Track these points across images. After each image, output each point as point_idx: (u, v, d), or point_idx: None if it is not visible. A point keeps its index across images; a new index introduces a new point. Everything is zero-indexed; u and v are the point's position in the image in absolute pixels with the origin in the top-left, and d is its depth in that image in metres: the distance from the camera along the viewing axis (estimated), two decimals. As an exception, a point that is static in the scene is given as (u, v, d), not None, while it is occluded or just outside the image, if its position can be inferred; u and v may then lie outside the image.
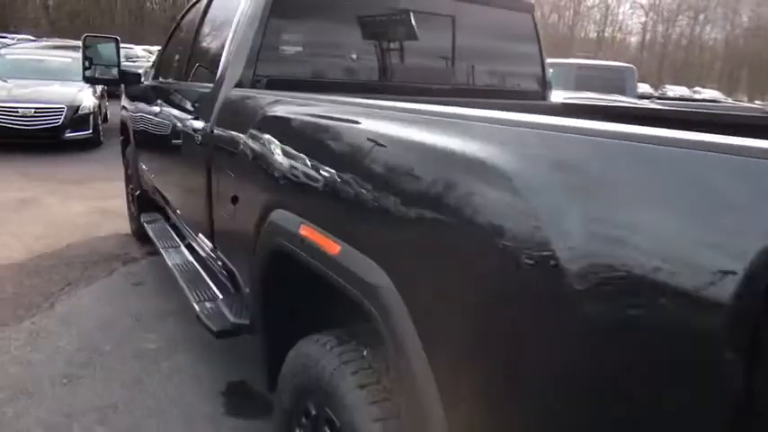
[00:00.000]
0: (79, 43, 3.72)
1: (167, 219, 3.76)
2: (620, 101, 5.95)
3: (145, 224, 3.64)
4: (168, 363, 2.75)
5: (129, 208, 4.60)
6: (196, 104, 2.39)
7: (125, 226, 4.71)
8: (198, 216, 2.56)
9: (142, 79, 3.65)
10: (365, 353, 1.31)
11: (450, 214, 0.88)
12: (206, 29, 2.70)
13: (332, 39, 2.28)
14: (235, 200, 1.84)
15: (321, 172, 1.26)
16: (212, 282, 2.62)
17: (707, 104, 7.90)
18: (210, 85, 2.26)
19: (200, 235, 2.63)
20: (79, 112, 7.74)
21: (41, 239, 4.39)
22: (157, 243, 3.28)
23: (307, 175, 1.32)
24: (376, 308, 1.02)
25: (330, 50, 2.29)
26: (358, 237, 1.09)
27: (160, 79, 3.31)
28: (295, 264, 1.39)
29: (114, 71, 3.49)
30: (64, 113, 7.62)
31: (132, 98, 3.70)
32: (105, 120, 9.40)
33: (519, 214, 0.77)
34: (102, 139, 8.46)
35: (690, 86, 33.21)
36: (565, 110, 2.45)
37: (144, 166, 3.67)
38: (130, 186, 4.35)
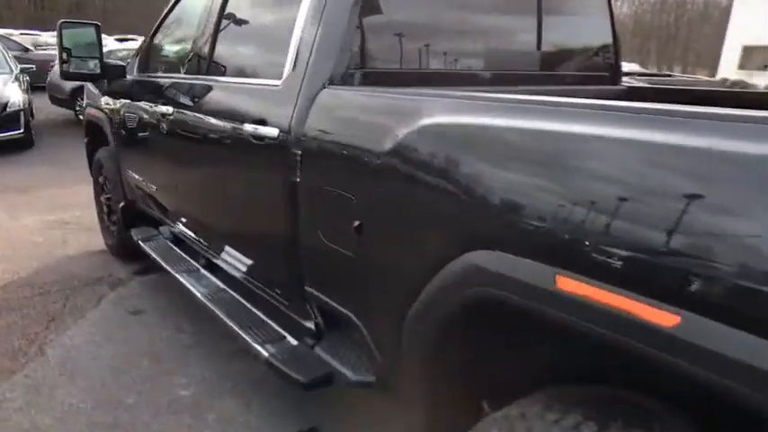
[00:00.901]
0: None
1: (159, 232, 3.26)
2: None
3: (141, 242, 3.12)
4: (213, 414, 2.31)
5: (101, 221, 3.99)
6: (253, 106, 1.94)
7: (95, 241, 4.11)
8: (256, 240, 2.12)
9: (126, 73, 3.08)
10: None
11: None
12: (242, 10, 2.22)
13: (429, 21, 1.90)
14: (360, 229, 1.45)
15: (611, 202, 0.92)
16: (265, 315, 2.21)
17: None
18: (276, 82, 1.83)
19: (249, 260, 2.20)
20: (8, 109, 6.79)
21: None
22: (167, 266, 2.78)
23: (570, 209, 0.97)
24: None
25: (430, 35, 1.90)
26: (740, 308, 0.76)
27: (159, 73, 2.78)
28: (530, 323, 1.05)
29: (94, 64, 2.92)
30: (-11, 111, 6.65)
31: (115, 95, 3.12)
32: (32, 116, 8.38)
33: None
34: (34, 138, 7.50)
35: (610, 60, 34.45)
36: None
37: (134, 174, 3.13)
38: (106, 196, 3.75)
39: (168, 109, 2.49)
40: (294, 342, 2.03)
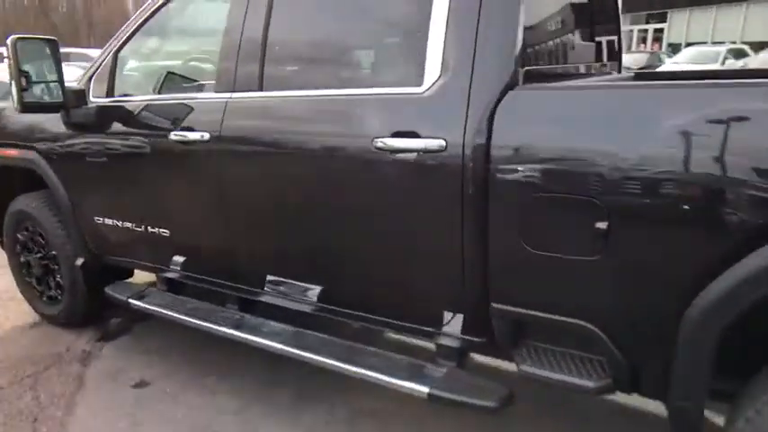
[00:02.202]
0: None
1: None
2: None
3: (133, 302, 2.56)
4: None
5: (27, 287, 3.21)
6: (379, 117, 1.71)
7: (15, 315, 3.34)
8: (389, 265, 1.88)
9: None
10: None
11: None
12: (316, 8, 1.92)
13: (558, 17, 1.85)
14: (608, 232, 1.39)
15: None
16: (375, 347, 2.01)
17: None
18: (415, 89, 1.65)
19: (363, 290, 1.97)
20: None
21: None
22: (201, 323, 2.32)
23: None
24: None
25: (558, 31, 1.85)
26: None
27: (161, 95, 2.30)
28: None
29: (44, 89, 2.33)
30: None
31: (76, 126, 2.50)
32: None
33: None
34: None
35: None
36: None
37: (114, 221, 2.57)
38: (37, 256, 3.02)
39: (203, 136, 2.08)
40: (440, 368, 1.87)
